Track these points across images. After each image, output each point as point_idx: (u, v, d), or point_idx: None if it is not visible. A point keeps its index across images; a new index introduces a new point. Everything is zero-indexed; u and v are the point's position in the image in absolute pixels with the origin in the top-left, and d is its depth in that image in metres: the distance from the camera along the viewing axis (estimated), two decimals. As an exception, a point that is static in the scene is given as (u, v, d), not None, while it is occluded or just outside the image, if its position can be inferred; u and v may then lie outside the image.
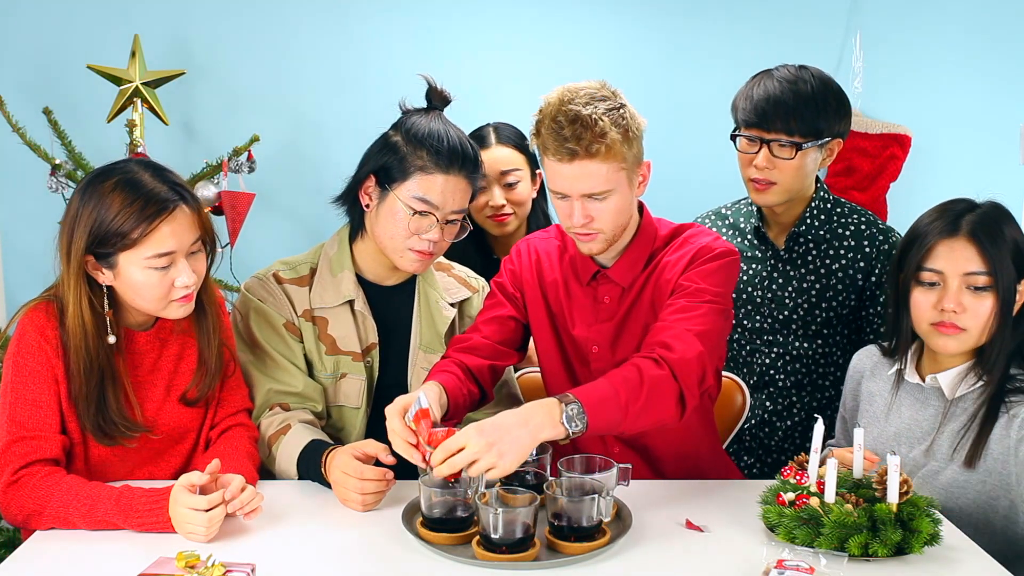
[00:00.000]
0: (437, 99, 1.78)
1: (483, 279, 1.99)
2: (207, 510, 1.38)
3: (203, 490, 1.42)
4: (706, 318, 1.59)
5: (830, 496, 1.37)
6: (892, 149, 2.82)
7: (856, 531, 1.33)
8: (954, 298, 1.52)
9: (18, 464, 1.49)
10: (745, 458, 2.13)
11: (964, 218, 1.53)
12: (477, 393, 1.71)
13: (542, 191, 2.39)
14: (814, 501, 1.38)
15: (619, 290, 1.72)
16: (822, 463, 1.43)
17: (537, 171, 2.33)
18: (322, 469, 1.59)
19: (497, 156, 2.25)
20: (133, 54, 2.55)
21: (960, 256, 1.52)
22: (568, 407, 1.41)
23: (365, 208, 1.77)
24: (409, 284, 1.88)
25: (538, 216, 2.38)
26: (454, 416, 1.61)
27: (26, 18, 2.83)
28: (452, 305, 1.89)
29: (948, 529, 1.45)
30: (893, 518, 1.34)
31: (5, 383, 1.54)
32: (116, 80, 2.54)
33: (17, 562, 1.36)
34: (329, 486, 1.58)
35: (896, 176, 2.88)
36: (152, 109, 2.57)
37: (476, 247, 2.31)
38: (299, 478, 1.65)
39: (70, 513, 1.44)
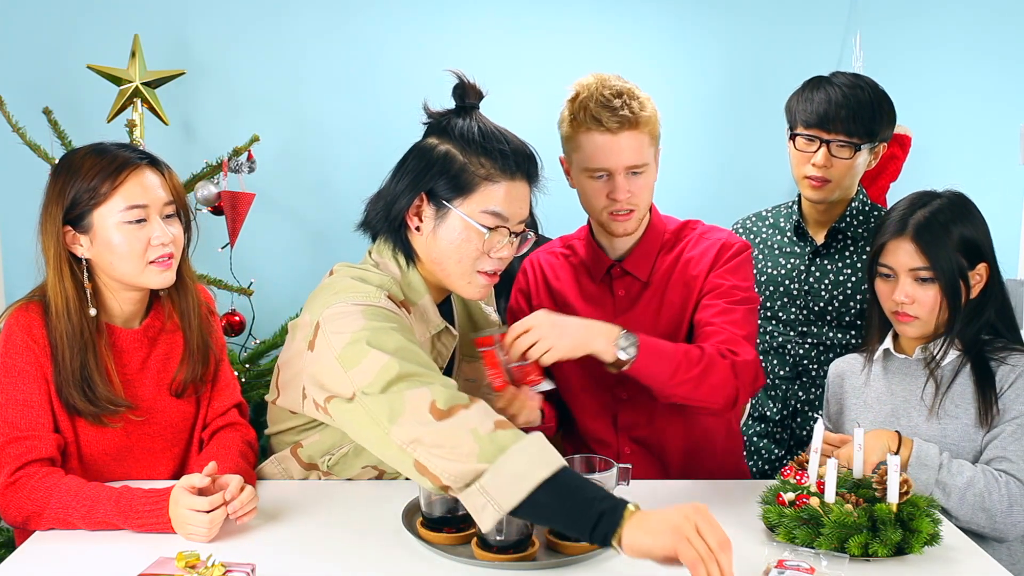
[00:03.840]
0: (473, 96, 1.57)
1: None
2: (208, 511, 1.38)
3: (202, 492, 1.42)
4: (747, 321, 1.71)
5: (830, 496, 1.38)
6: (892, 149, 2.81)
7: (856, 531, 1.33)
8: (903, 291, 1.68)
9: (14, 465, 1.49)
10: (775, 450, 2.16)
11: (912, 217, 1.68)
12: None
13: None
14: (814, 501, 1.38)
15: (635, 282, 1.77)
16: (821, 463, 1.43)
17: None
18: (618, 530, 1.22)
19: None
20: (133, 54, 2.55)
21: (904, 254, 1.68)
22: (627, 335, 1.52)
23: (415, 231, 1.56)
24: (446, 298, 1.70)
25: None
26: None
27: (26, 18, 2.83)
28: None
29: (948, 529, 1.45)
30: (893, 518, 1.34)
31: (-6, 385, 1.54)
32: (116, 80, 2.54)
33: (17, 562, 1.36)
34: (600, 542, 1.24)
35: (896, 176, 2.88)
36: (152, 109, 2.57)
37: None
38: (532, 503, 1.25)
39: (69, 514, 1.44)
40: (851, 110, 1.94)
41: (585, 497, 1.24)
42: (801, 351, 2.11)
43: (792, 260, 2.12)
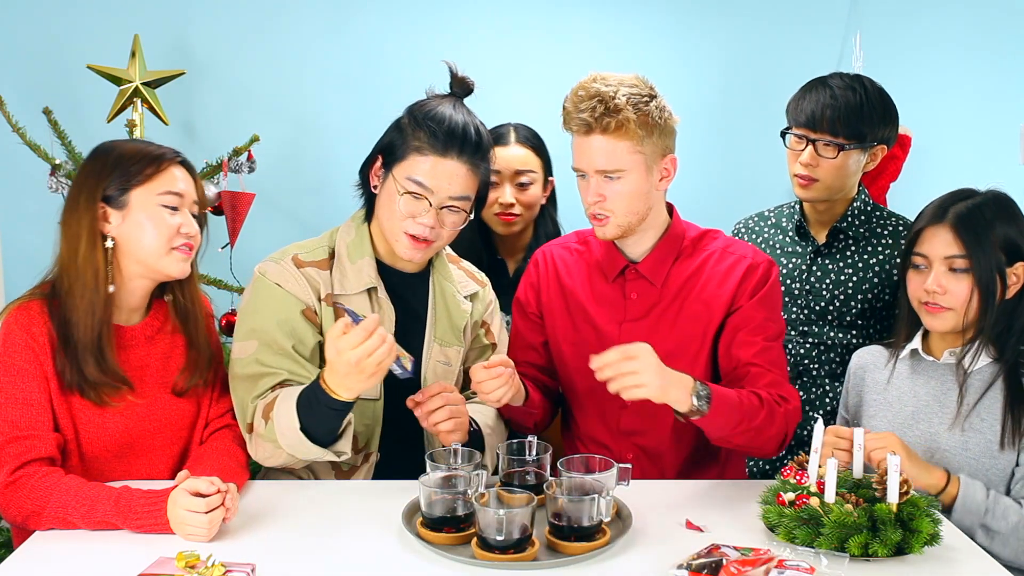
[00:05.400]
0: (457, 86, 1.73)
1: (486, 276, 1.97)
2: (206, 512, 1.38)
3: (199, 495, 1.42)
4: (784, 356, 1.75)
5: (830, 496, 1.38)
6: (892, 149, 2.82)
7: (856, 531, 1.33)
8: (935, 280, 1.64)
9: (14, 464, 1.49)
10: None
11: (953, 207, 1.64)
12: (552, 383, 1.90)
13: (552, 198, 2.40)
14: (814, 501, 1.38)
15: (649, 288, 1.75)
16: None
17: (550, 177, 2.35)
18: (323, 383, 1.48)
19: (513, 155, 2.26)
20: (133, 54, 2.55)
21: (941, 242, 1.64)
22: (702, 387, 1.52)
23: (373, 190, 1.73)
24: (425, 274, 1.82)
25: (547, 222, 2.39)
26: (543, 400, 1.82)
27: (26, 18, 2.83)
28: (467, 298, 1.85)
29: (948, 529, 1.45)
30: (893, 518, 1.34)
31: (-6, 383, 1.54)
32: (116, 80, 2.54)
33: (17, 562, 1.36)
34: (340, 406, 1.50)
35: (896, 176, 2.88)
36: (152, 109, 2.57)
37: (483, 242, 2.33)
38: (303, 428, 1.51)
39: (69, 514, 1.44)
40: (837, 112, 1.95)
41: (317, 402, 1.49)
42: (802, 351, 2.11)
43: (794, 260, 2.13)
